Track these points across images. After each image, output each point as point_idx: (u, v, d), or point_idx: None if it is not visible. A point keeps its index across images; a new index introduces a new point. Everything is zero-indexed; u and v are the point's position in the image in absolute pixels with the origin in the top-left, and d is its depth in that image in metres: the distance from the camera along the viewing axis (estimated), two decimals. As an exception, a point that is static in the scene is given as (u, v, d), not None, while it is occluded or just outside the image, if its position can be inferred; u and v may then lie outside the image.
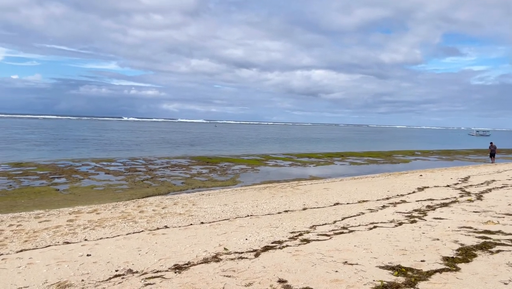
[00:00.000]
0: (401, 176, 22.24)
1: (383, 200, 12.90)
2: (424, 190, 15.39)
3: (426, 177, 20.86)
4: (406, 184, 17.47)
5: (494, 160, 33.56)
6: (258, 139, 70.67)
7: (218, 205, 12.18)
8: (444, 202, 12.14)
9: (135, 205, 12.38)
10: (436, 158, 39.77)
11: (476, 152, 50.54)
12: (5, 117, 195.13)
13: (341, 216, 10.14)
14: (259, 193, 15.28)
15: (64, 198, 14.56)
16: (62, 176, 19.99)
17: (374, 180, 20.09)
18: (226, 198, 14.10)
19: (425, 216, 9.86)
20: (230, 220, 9.60)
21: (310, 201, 12.84)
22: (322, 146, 56.56)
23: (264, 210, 11.29)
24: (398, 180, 19.62)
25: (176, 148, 43.06)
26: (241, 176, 22.83)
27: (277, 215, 10.32)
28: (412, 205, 11.63)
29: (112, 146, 43.29)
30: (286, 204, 12.27)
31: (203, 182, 19.93)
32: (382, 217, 9.86)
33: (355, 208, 11.43)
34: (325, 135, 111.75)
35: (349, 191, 15.40)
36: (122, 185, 18.07)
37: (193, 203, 12.49)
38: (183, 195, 15.17)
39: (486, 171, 23.87)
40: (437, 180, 19.19)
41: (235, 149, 45.40)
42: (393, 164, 33.30)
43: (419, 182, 18.17)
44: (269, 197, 14.02)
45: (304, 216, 10.03)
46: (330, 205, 12.13)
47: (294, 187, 17.12)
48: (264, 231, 8.23)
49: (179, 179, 20.71)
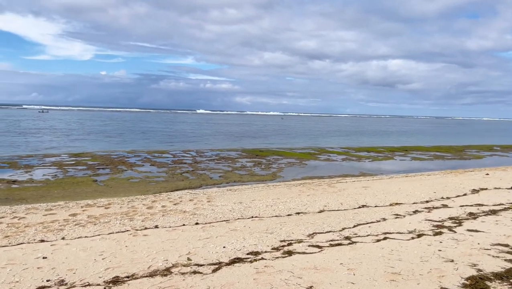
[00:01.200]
0: (462, 174, 19.69)
1: (420, 204, 11.19)
2: (479, 192, 13.23)
3: (493, 176, 18.22)
4: (461, 185, 15.27)
5: None
6: (322, 132, 68.69)
7: (233, 203, 11.40)
8: (494, 208, 10.17)
9: (151, 200, 12.06)
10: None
11: None
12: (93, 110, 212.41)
13: (356, 221, 8.82)
14: (288, 190, 14.23)
15: (95, 189, 14.78)
16: (108, 167, 20.58)
17: (428, 178, 17.94)
18: (250, 194, 13.28)
19: (458, 227, 8.20)
20: (228, 222, 8.78)
21: (335, 202, 11.54)
22: (389, 140, 53.26)
23: (276, 211, 10.29)
24: (456, 179, 17.31)
25: (234, 140, 43.09)
26: (285, 170, 21.83)
27: (285, 218, 9.28)
28: (451, 211, 9.87)
29: (173, 138, 44.52)
30: (306, 205, 11.12)
31: (241, 176, 19.30)
32: (404, 225, 8.38)
33: (380, 212, 9.97)
34: (398, 128, 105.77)
35: (389, 191, 13.74)
36: (159, 178, 18.07)
37: (209, 200, 11.85)
38: (208, 190, 14.63)
39: None
40: (504, 180, 16.59)
41: (293, 142, 44.30)
42: (462, 160, 30.00)
43: (479, 183, 15.81)
44: (295, 195, 12.94)
45: (313, 220, 8.88)
46: (354, 207, 10.76)
47: (330, 184, 15.78)
48: (252, 238, 7.29)
49: (219, 172, 20.30)
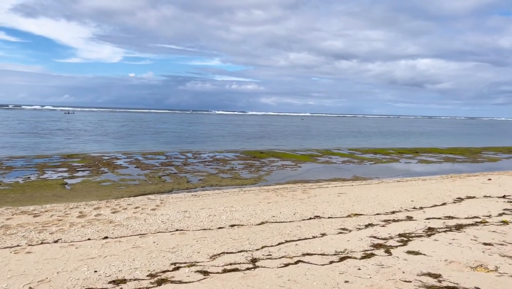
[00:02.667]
0: (463, 179, 17.94)
1: (384, 215, 9.82)
2: (462, 201, 11.67)
3: (494, 182, 16.46)
4: (450, 192, 13.68)
5: None
6: (339, 133, 66.77)
7: (177, 212, 10.37)
8: (464, 222, 8.70)
9: (97, 206, 11.21)
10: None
11: None
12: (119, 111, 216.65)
13: (290, 237, 7.61)
14: (254, 196, 13.08)
15: (55, 193, 14.10)
16: (91, 168, 20.02)
17: (420, 184, 16.35)
18: (209, 201, 12.23)
19: (400, 247, 6.86)
20: (143, 236, 7.75)
21: (289, 212, 10.32)
22: (406, 141, 50.96)
23: (213, 222, 9.17)
24: (449, 185, 15.66)
25: (241, 142, 42.13)
26: (273, 174, 20.63)
27: (212, 232, 8.17)
28: (410, 226, 8.49)
29: (181, 138, 44.00)
30: (253, 215, 9.95)
31: (221, 180, 18.25)
32: (339, 243, 7.12)
33: (328, 225, 8.70)
34: (422, 128, 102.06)
35: (362, 198, 12.37)
36: (134, 181, 17.28)
37: (156, 208, 10.88)
38: (172, 195, 13.66)
39: None
40: (503, 186, 14.85)
41: (302, 143, 42.89)
42: (474, 163, 27.87)
43: (472, 189, 14.16)
44: (254, 203, 11.78)
45: (239, 236, 7.74)
46: (304, 218, 9.51)
47: (305, 190, 14.51)
48: (143, 259, 6.25)
49: (202, 175, 19.35)
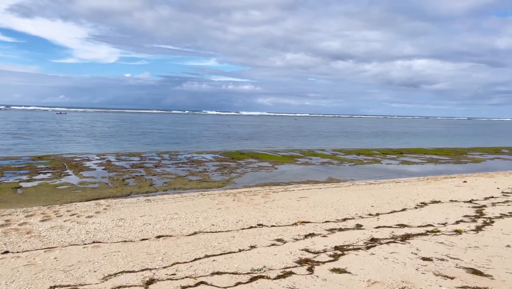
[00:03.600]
0: (437, 181, 17.16)
1: (333, 223, 9.00)
2: (425, 206, 10.87)
3: (469, 184, 15.69)
4: (418, 195, 12.89)
5: None
6: (329, 133, 66.03)
7: (113, 219, 9.53)
8: (414, 232, 7.90)
9: (28, 214, 10.36)
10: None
11: None
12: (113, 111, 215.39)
13: (213, 251, 6.80)
14: (209, 201, 12.24)
15: (1, 199, 13.23)
16: (54, 171, 19.15)
17: (390, 186, 15.54)
18: (156, 207, 11.39)
19: (329, 263, 6.05)
20: (50, 250, 6.92)
21: (234, 219, 9.49)
22: (396, 141, 50.27)
23: (142, 232, 8.34)
24: (421, 188, 14.88)
25: (226, 142, 41.31)
26: (245, 176, 19.80)
27: (128, 245, 7.33)
28: (354, 236, 7.68)
29: (166, 139, 43.12)
30: (194, 223, 9.11)
31: (187, 182, 17.41)
32: (258, 260, 6.31)
33: (265, 235, 7.89)
34: (415, 129, 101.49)
35: (322, 203, 11.57)
36: (94, 184, 16.42)
37: (93, 215, 10.04)
38: (125, 200, 12.81)
39: None
40: (476, 189, 14.08)
41: (287, 143, 42.09)
42: (457, 164, 27.12)
43: (442, 193, 13.38)
44: (202, 209, 10.95)
45: (157, 250, 6.91)
46: (245, 227, 8.68)
47: (267, 194, 13.68)
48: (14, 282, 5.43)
49: (169, 178, 18.50)
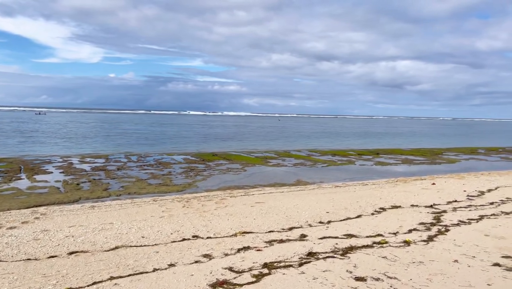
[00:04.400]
0: (406, 183, 16.52)
1: (277, 233, 8.18)
2: (381, 213, 10.13)
3: (437, 186, 15.07)
4: (381, 199, 12.18)
5: None
6: (310, 134, 65.51)
7: (35, 232, 8.54)
8: (364, 243, 7.11)
9: None
10: (499, 158, 31.67)
11: None
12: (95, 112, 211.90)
13: (121, 272, 5.89)
14: (156, 208, 11.30)
15: None
16: (5, 175, 17.95)
17: (356, 189, 14.83)
18: (96, 216, 10.41)
19: (248, 285, 5.21)
20: None
21: (170, 231, 8.59)
22: (376, 142, 49.94)
23: (58, 246, 7.39)
24: (386, 191, 14.19)
25: (203, 143, 40.30)
26: (210, 179, 18.89)
27: (31, 264, 6.38)
28: (291, 249, 6.86)
29: (142, 140, 41.90)
30: (122, 235, 8.18)
31: (146, 186, 16.42)
32: (161, 285, 5.43)
33: (195, 250, 7.01)
34: (397, 129, 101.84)
35: (277, 209, 10.75)
36: (44, 189, 15.30)
37: (17, 226, 9.02)
38: (68, 207, 11.79)
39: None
40: (442, 192, 13.44)
41: (265, 144, 41.29)
42: (431, 165, 26.66)
43: (405, 197, 12.70)
44: (144, 218, 10.02)
45: (57, 271, 5.98)
46: (178, 240, 7.79)
47: (222, 199, 12.80)
48: None
49: (128, 181, 17.48)
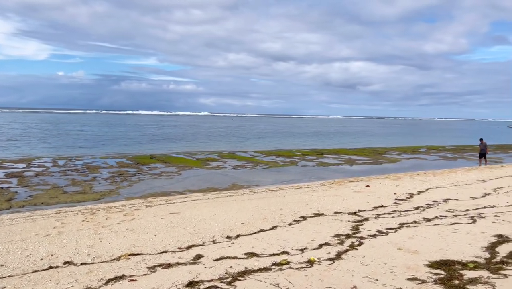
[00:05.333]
0: (339, 186, 15.90)
1: (170, 254, 6.98)
2: (300, 223, 9.23)
3: (369, 190, 14.51)
4: (307, 205, 11.33)
5: (486, 161, 26.03)
6: (262, 134, 64.89)
7: None
8: (263, 265, 6.09)
9: None
10: (439, 157, 32.31)
11: (499, 148, 42.04)
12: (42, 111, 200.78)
13: None
14: (46, 224, 9.75)
15: None
16: None
17: (286, 194, 13.96)
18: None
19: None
20: None
21: (41, 255, 7.17)
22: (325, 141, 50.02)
23: None
24: (316, 195, 13.42)
25: (145, 145, 38.31)
26: (137, 185, 17.37)
27: None
28: (172, 277, 5.70)
29: (78, 142, 39.21)
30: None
31: (59, 195, 14.66)
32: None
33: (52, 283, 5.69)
34: (347, 129, 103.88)
35: (190, 221, 9.57)
36: None
37: None
38: None
39: (466, 180, 16.92)
40: (372, 196, 12.83)
41: (213, 145, 39.98)
42: (372, 164, 26.55)
43: (333, 202, 11.95)
44: (25, 237, 8.49)
45: None
46: (41, 269, 6.42)
47: (136, 210, 11.42)
48: None
49: (42, 189, 15.62)
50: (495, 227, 8.15)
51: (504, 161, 29.72)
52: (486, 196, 12.33)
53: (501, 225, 8.31)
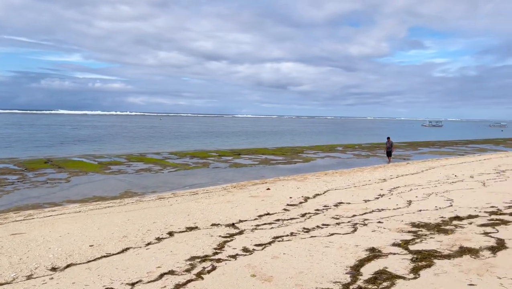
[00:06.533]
0: (238, 190, 14.70)
1: None
2: (165, 240, 7.73)
3: (266, 194, 13.44)
4: (190, 215, 9.88)
5: (390, 159, 26.82)
6: (187, 134, 62.62)
7: None
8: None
9: None
10: (353, 155, 32.76)
11: (410, 146, 44.15)
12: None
13: None
14: None
15: None
16: None
17: (177, 200, 12.42)
18: None
19: None
20: None
21: None
22: (244, 141, 49.17)
23: None
24: (207, 202, 12.02)
25: (48, 147, 34.48)
26: (9, 195, 14.81)
27: None
28: None
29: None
30: None
31: None
32: None
33: None
34: (276, 128, 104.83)
35: (32, 243, 7.62)
36: None
37: None
38: None
39: (369, 179, 16.63)
40: (266, 201, 11.72)
41: (128, 147, 37.18)
42: (287, 164, 25.93)
43: (219, 210, 10.63)
44: None
45: None
46: None
47: None
48: None
49: None
50: (373, 237, 7.31)
51: (412, 158, 30.84)
52: (380, 197, 11.80)
53: (379, 234, 7.49)
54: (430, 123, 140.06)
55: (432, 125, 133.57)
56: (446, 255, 6.01)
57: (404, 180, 15.68)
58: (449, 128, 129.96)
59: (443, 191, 12.55)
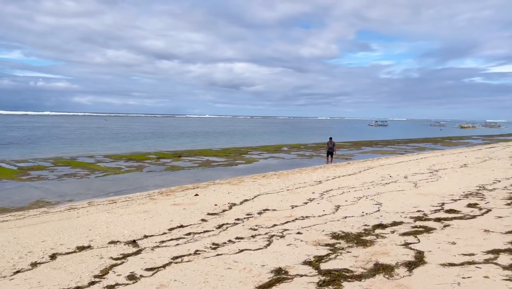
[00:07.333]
0: (164, 197, 13.43)
1: None
2: (39, 266, 6.38)
3: (192, 201, 12.28)
4: (91, 230, 8.51)
5: (332, 159, 26.71)
6: (130, 135, 59.77)
7: None
8: None
9: None
10: (297, 156, 32.36)
11: (354, 145, 44.74)
12: None
13: None
14: None
15: None
16: None
17: (86, 212, 10.95)
18: None
19: None
20: None
21: None
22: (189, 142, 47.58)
23: None
24: (118, 212, 10.67)
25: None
26: None
27: None
28: None
29: None
30: None
31: None
32: None
33: None
34: (228, 128, 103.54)
35: None
36: None
37: None
38: None
39: (305, 181, 15.97)
40: (187, 210, 10.59)
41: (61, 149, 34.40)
42: (227, 166, 24.88)
43: (130, 222, 9.36)
44: None
45: None
46: None
47: None
48: None
49: None
50: (285, 253, 6.41)
51: (354, 158, 30.93)
52: (309, 202, 11.05)
53: (293, 249, 6.62)
54: (376, 122, 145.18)
55: (378, 124, 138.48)
56: (358, 275, 5.21)
57: (339, 182, 15.16)
58: (393, 127, 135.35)
59: (374, 194, 12.06)
